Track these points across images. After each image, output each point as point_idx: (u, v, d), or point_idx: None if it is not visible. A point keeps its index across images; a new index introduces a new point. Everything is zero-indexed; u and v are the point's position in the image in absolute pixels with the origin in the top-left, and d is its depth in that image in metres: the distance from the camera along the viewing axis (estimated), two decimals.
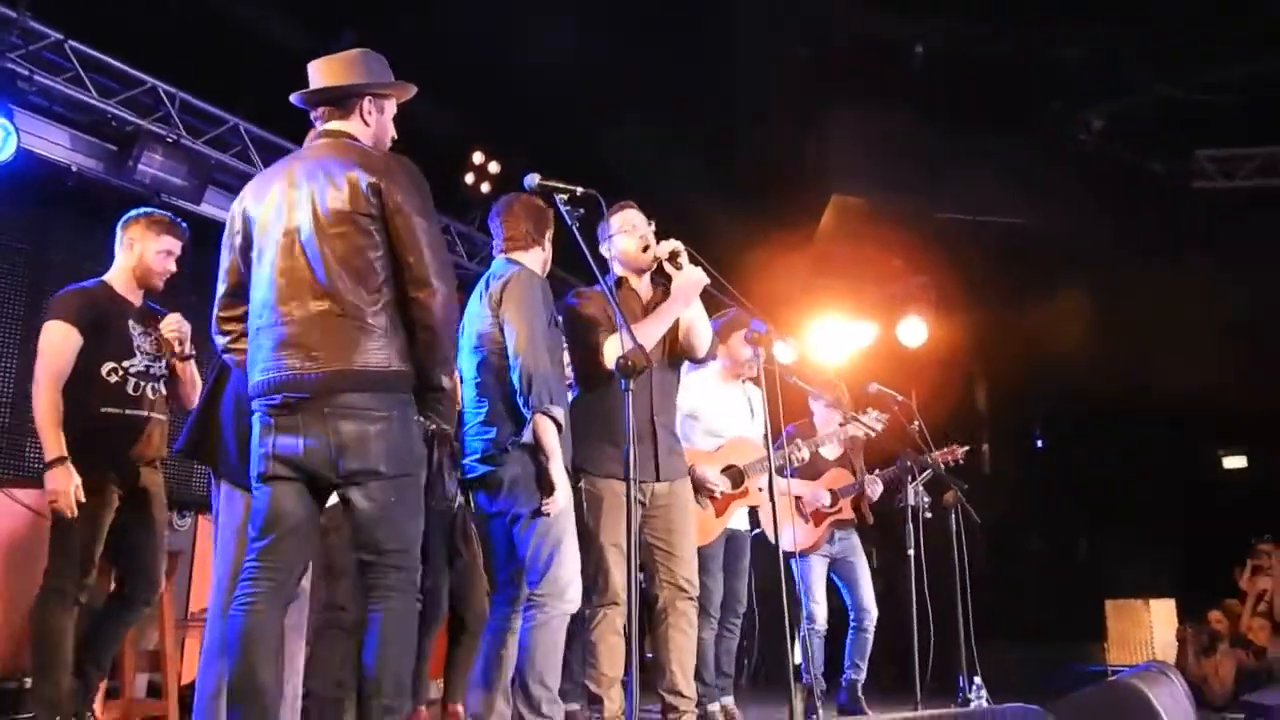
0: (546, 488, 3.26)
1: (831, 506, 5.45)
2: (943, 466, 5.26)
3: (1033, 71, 7.16)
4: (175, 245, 3.93)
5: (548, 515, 3.27)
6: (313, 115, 2.91)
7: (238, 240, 2.82)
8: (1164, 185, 7.75)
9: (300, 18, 6.45)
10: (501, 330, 3.37)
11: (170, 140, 5.98)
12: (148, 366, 3.85)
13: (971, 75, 7.11)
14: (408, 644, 2.66)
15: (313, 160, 2.77)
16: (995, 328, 8.47)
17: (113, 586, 3.88)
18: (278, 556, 2.63)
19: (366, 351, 2.60)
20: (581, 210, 3.39)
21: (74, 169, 5.87)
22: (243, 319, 2.81)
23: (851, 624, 5.44)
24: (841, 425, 5.26)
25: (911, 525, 5.03)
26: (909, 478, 5.13)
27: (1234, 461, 9.44)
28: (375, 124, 2.90)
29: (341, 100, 2.87)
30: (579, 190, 3.23)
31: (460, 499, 3.62)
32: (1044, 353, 8.00)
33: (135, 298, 3.93)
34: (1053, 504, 8.95)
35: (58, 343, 3.68)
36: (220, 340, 2.88)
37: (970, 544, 5.31)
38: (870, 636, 5.39)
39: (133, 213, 3.98)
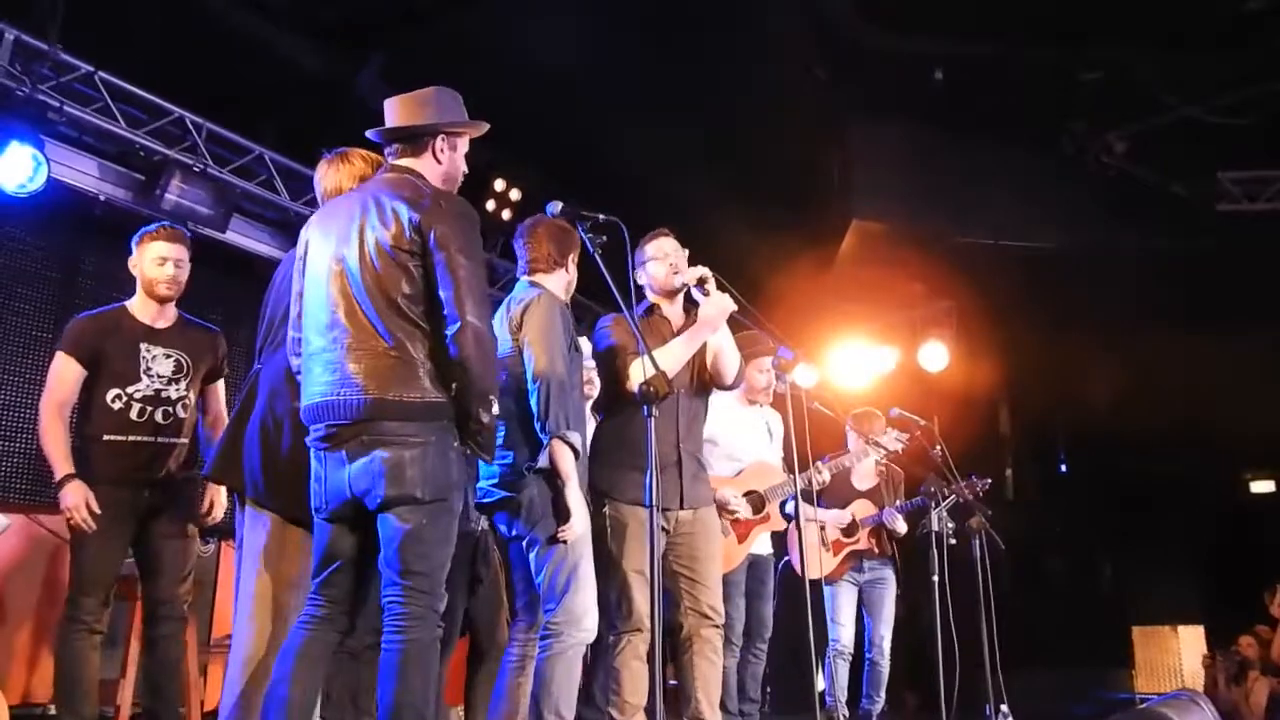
0: (562, 514, 3.25)
1: (848, 536, 5.43)
2: (967, 493, 5.23)
3: (1055, 93, 7.16)
4: (169, 250, 3.83)
5: (564, 542, 3.27)
6: (387, 151, 2.99)
7: (302, 265, 2.93)
8: (1187, 207, 7.71)
9: (325, 44, 6.55)
10: (521, 354, 3.39)
11: (196, 169, 6.06)
12: (158, 390, 3.78)
13: (993, 96, 7.11)
14: (428, 675, 2.66)
15: (372, 193, 2.84)
16: (1019, 352, 8.42)
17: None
18: (334, 589, 2.76)
19: (405, 382, 2.66)
20: (604, 237, 3.43)
21: (102, 198, 5.95)
22: None
23: (866, 655, 5.44)
24: (864, 445, 5.24)
25: (935, 551, 5.00)
26: (933, 503, 5.10)
27: (1262, 486, 9.34)
28: (447, 161, 2.96)
29: (414, 138, 2.94)
30: (601, 217, 3.27)
31: (484, 523, 3.63)
32: (1068, 376, 7.95)
33: (154, 319, 3.85)
34: (1078, 529, 8.88)
35: (58, 373, 3.73)
36: (294, 362, 2.94)
37: (994, 570, 5.26)
38: (882, 669, 5.45)
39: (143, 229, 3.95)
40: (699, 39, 6.53)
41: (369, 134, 3.00)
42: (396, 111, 2.96)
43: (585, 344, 3.85)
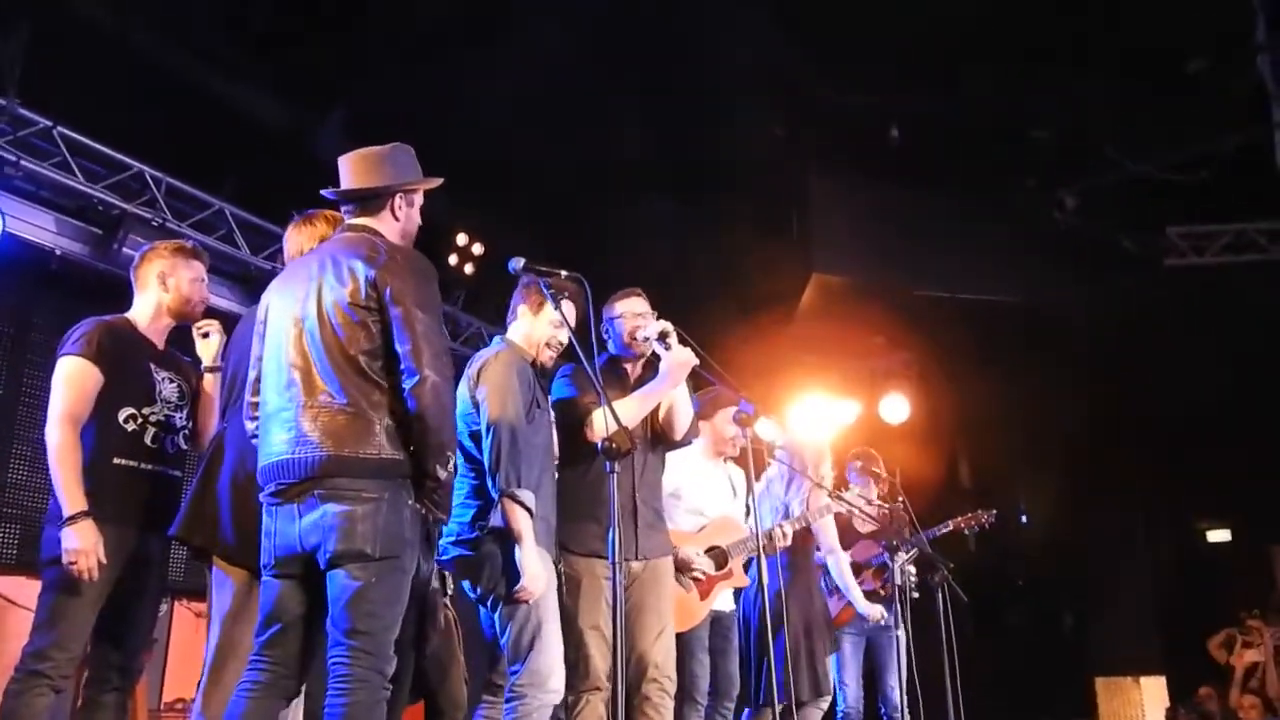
0: (523, 574, 3.20)
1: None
2: (928, 546, 5.21)
3: (1007, 150, 7.31)
4: (203, 272, 3.62)
5: (525, 602, 3.22)
6: (343, 208, 3.01)
7: (262, 328, 2.90)
8: (1137, 261, 7.86)
9: (285, 98, 6.55)
10: (478, 409, 3.36)
11: (155, 224, 5.99)
12: (168, 417, 3.47)
13: (948, 153, 7.24)
14: None
15: (329, 253, 2.85)
16: (977, 403, 8.50)
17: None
18: (279, 649, 2.67)
19: (361, 440, 2.64)
20: (565, 293, 3.44)
21: (58, 252, 5.86)
22: None
23: (880, 715, 5.33)
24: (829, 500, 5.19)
25: (899, 604, 4.97)
26: (893, 556, 5.07)
27: (1218, 535, 9.42)
28: (404, 218, 2.97)
29: (371, 199, 2.94)
30: (564, 273, 3.26)
31: (435, 583, 3.56)
32: (1027, 428, 8.01)
33: (159, 339, 3.56)
34: (1040, 580, 8.88)
35: (77, 380, 3.28)
36: (250, 425, 2.90)
37: (957, 621, 5.24)
38: None
39: (152, 244, 3.66)
40: (661, 95, 6.61)
41: (325, 193, 2.99)
42: (351, 171, 2.96)
43: None
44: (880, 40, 6.31)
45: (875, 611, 5.33)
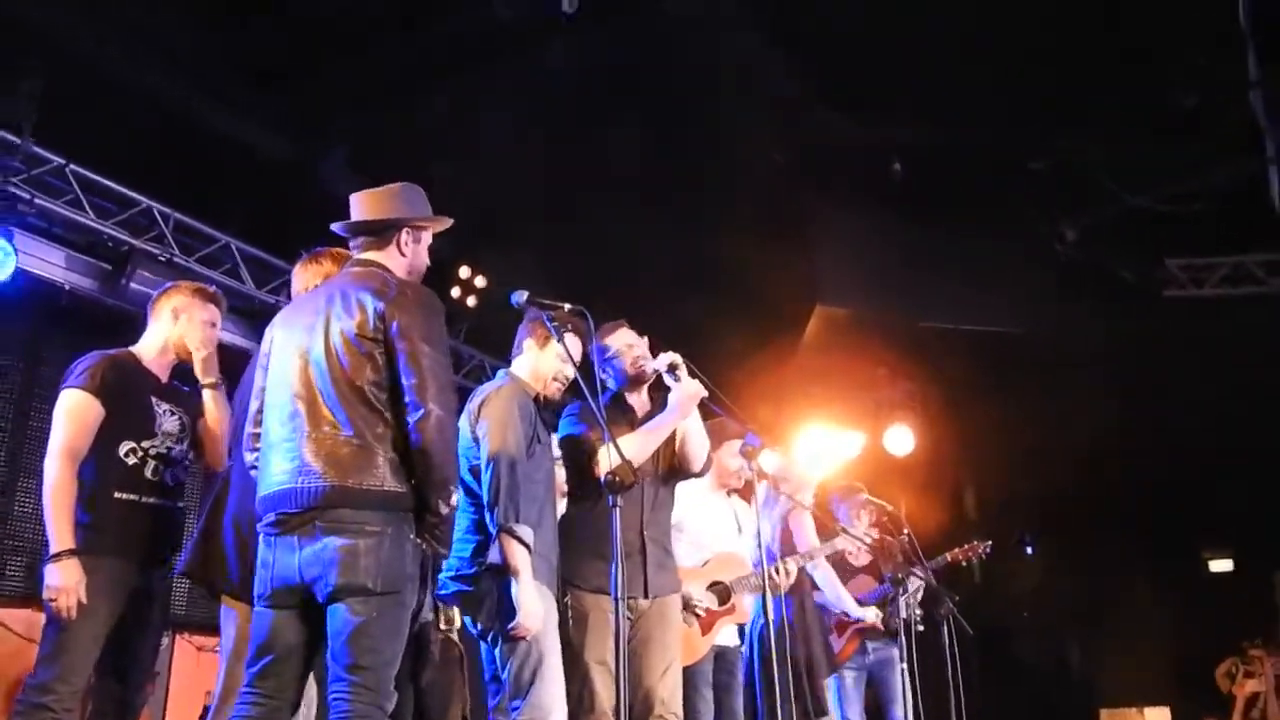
0: (519, 609, 3.19)
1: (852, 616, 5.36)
2: (934, 579, 5.19)
3: (1008, 181, 7.34)
4: (218, 318, 3.66)
5: (522, 638, 3.22)
6: (352, 244, 3.04)
7: (265, 362, 2.92)
8: (1137, 293, 7.88)
9: (291, 133, 6.61)
10: (478, 444, 3.37)
11: (163, 259, 6.04)
12: (169, 449, 3.48)
13: (950, 184, 7.27)
14: None
15: (339, 286, 2.87)
16: (981, 434, 8.50)
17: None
18: (271, 681, 2.64)
19: (365, 470, 2.63)
20: (569, 327, 3.45)
21: (68, 287, 5.92)
22: None
23: None
24: (838, 533, 5.16)
25: (904, 638, 4.94)
26: (900, 590, 5.04)
27: (1220, 565, 9.38)
28: (411, 253, 3.00)
29: (380, 232, 2.98)
30: (567, 306, 3.28)
31: (429, 615, 3.56)
32: (1031, 459, 8.00)
33: (163, 373, 3.59)
34: (1045, 611, 8.84)
35: (78, 414, 3.31)
36: (249, 457, 2.91)
37: (963, 654, 5.21)
38: None
39: (174, 283, 3.74)
40: (663, 126, 6.65)
41: (334, 227, 3.03)
42: (362, 206, 3.01)
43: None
44: (881, 71, 6.35)
45: (869, 614, 5.30)
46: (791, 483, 5.12)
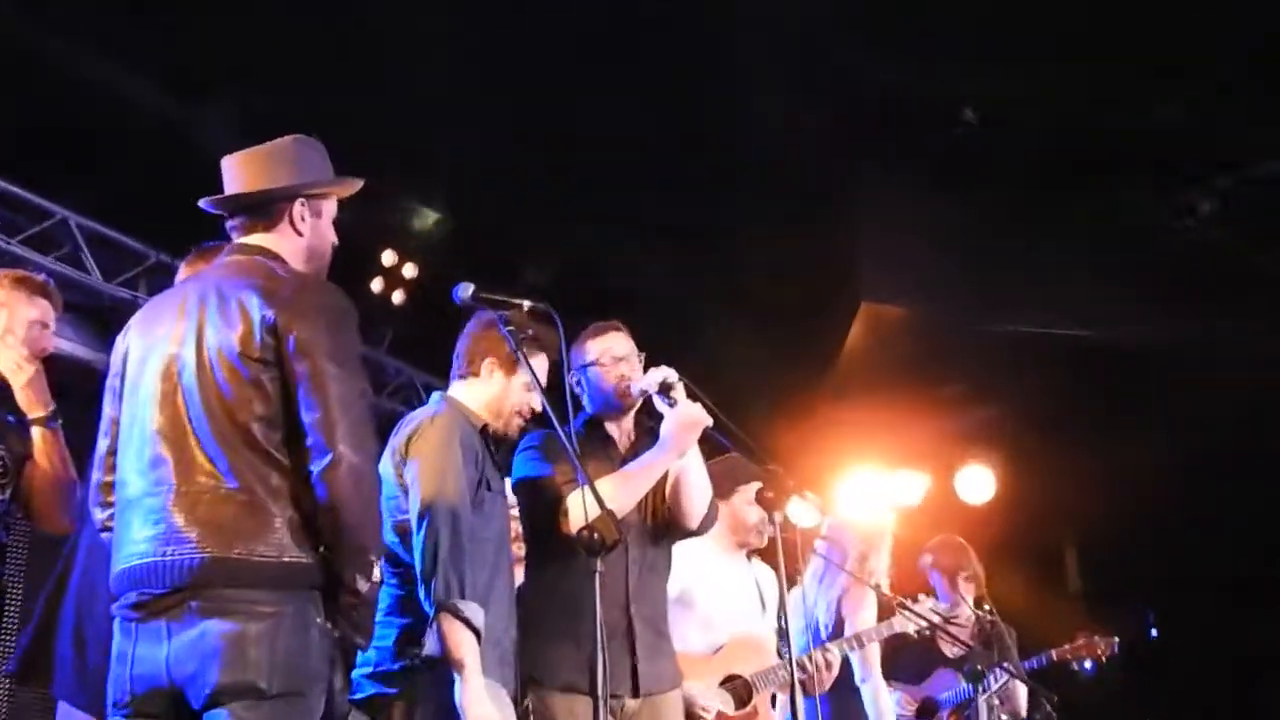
0: (465, 718, 3.16)
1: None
2: (1025, 675, 5.17)
3: (1117, 139, 7.32)
4: (50, 316, 3.71)
5: None
6: (229, 225, 2.98)
7: (118, 384, 2.89)
8: None
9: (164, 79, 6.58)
10: (406, 493, 3.35)
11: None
12: None
13: (1035, 149, 7.26)
14: None
15: (213, 283, 2.83)
16: (1088, 476, 8.50)
17: None
18: None
19: (255, 536, 2.60)
20: (530, 331, 3.40)
21: None
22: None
23: None
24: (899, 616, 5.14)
25: None
26: (979, 688, 5.00)
27: None
28: (310, 232, 2.97)
29: (265, 207, 2.94)
30: (526, 304, 3.26)
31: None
32: (1156, 510, 7.99)
33: None
34: (1175, 714, 8.83)
35: None
36: (99, 515, 2.90)
37: None
38: None
39: None
40: (670, 71, 6.62)
41: (202, 203, 2.98)
42: (237, 174, 2.96)
43: None
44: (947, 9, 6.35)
45: None
46: (841, 546, 5.11)
